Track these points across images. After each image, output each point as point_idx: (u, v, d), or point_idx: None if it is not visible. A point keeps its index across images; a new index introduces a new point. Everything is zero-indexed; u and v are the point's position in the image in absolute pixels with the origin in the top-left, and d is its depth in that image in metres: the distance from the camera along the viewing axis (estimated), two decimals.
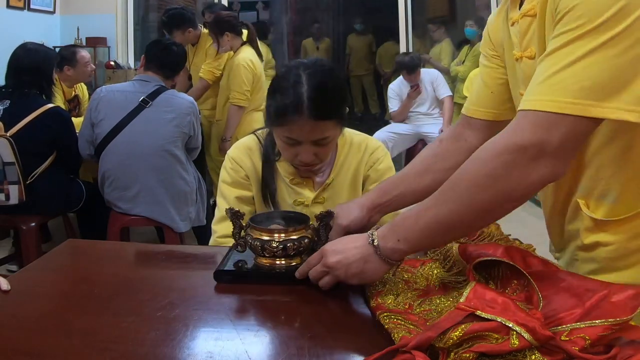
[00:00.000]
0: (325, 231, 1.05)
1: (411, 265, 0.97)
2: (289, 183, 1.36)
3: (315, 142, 1.22)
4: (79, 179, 2.80)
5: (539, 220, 4.09)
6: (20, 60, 2.57)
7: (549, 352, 0.65)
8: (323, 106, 1.18)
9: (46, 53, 2.67)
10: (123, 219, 2.51)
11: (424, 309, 0.83)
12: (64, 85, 3.43)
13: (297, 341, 0.77)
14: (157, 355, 0.74)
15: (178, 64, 2.72)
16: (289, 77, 1.21)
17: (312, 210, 1.33)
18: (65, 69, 3.35)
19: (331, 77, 1.23)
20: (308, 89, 1.18)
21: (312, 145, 1.22)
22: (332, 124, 1.22)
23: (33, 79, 2.54)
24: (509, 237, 1.03)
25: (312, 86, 1.18)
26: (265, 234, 0.99)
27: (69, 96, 3.50)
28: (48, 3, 4.56)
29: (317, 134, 1.21)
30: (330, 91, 1.21)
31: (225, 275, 0.99)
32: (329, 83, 1.21)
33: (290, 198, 1.37)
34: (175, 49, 2.71)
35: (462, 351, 0.65)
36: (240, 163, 1.38)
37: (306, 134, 1.20)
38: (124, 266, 1.15)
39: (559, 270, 0.81)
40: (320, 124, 1.19)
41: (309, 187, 1.37)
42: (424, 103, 4.44)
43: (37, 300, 0.93)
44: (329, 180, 1.37)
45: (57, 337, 0.80)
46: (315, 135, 1.21)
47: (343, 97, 1.26)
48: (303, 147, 1.23)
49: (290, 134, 1.21)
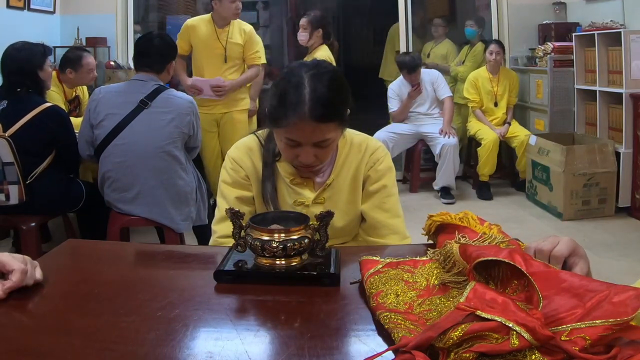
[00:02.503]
0: (325, 231, 1.05)
1: (411, 265, 0.97)
2: (289, 183, 1.36)
3: (316, 143, 1.22)
4: (79, 178, 2.80)
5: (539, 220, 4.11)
6: (6, 60, 2.56)
7: (549, 352, 0.65)
8: (325, 108, 1.18)
9: (30, 52, 2.60)
10: (123, 219, 2.51)
11: (424, 309, 0.83)
12: (65, 86, 3.43)
13: (297, 341, 0.77)
14: (157, 355, 0.74)
15: (163, 55, 2.63)
16: (291, 78, 1.21)
17: (312, 210, 1.33)
18: (68, 71, 3.33)
19: (333, 79, 1.22)
20: (310, 90, 1.18)
21: (313, 146, 1.22)
22: (334, 126, 1.22)
23: (19, 79, 2.52)
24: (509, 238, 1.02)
25: (314, 88, 1.18)
26: (265, 234, 0.99)
27: (69, 96, 3.49)
28: (48, 3, 4.55)
29: (318, 136, 1.21)
30: (332, 93, 1.20)
31: (225, 275, 0.99)
32: (330, 85, 1.21)
33: (290, 198, 1.36)
34: (156, 42, 2.63)
35: (462, 351, 0.65)
36: (241, 163, 1.38)
37: (307, 135, 1.20)
38: (124, 266, 1.15)
39: (560, 271, 0.81)
40: (321, 126, 1.19)
41: (309, 188, 1.37)
42: (424, 103, 4.44)
43: (37, 300, 0.93)
44: (329, 181, 1.37)
45: (57, 337, 0.80)
46: (316, 137, 1.21)
47: (345, 99, 1.25)
48: (304, 149, 1.23)
49: (291, 135, 1.21)
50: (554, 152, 3.83)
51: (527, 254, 0.87)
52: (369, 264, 0.97)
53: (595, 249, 3.07)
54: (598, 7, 4.33)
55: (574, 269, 0.85)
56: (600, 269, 2.70)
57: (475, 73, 4.51)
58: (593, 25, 4.10)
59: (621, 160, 3.70)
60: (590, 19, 4.26)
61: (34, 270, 0.96)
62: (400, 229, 1.39)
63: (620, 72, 3.69)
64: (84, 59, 3.34)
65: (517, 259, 0.82)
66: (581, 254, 0.87)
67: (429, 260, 0.98)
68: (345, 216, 1.38)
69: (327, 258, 1.03)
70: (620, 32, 3.66)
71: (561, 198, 3.72)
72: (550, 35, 4.58)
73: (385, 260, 0.98)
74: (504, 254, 0.83)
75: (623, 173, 3.71)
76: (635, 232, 3.46)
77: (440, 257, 0.95)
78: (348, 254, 1.10)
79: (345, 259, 1.07)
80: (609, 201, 3.75)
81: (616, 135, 3.84)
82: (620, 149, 3.72)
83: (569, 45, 4.26)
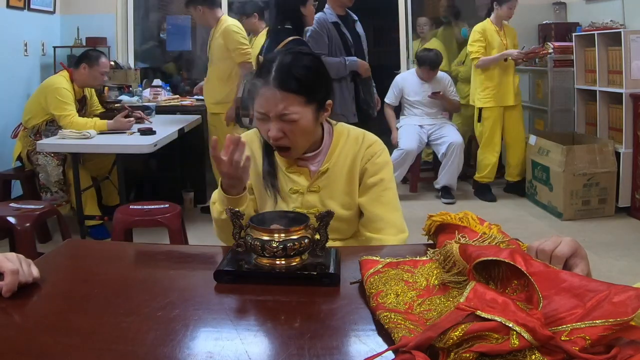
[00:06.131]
0: (325, 231, 1.05)
1: (411, 265, 0.97)
2: (285, 171, 1.39)
3: (281, 117, 1.27)
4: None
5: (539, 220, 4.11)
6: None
7: (549, 352, 0.65)
8: (288, 78, 1.26)
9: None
10: (127, 220, 2.51)
11: (424, 309, 0.83)
12: (75, 85, 3.45)
13: (297, 341, 0.77)
14: (157, 355, 0.74)
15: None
16: (268, 57, 1.32)
17: (308, 198, 1.37)
18: (82, 66, 3.40)
19: (305, 59, 1.31)
20: (278, 62, 1.27)
21: (280, 121, 1.27)
22: (298, 100, 1.27)
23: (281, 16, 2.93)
24: (509, 238, 1.02)
25: (281, 60, 1.28)
26: (265, 234, 0.99)
27: (78, 96, 3.52)
28: (48, 3, 4.55)
29: (282, 108, 1.26)
30: (297, 66, 1.27)
31: (225, 275, 0.99)
32: (298, 60, 1.29)
33: (286, 186, 1.39)
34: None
35: (462, 351, 0.65)
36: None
37: (271, 105, 1.26)
38: (124, 266, 1.15)
39: (560, 271, 0.81)
40: (285, 95, 1.25)
41: (305, 175, 1.39)
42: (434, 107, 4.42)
43: (37, 300, 0.93)
44: (323, 169, 1.39)
45: (57, 337, 0.80)
46: (279, 109, 1.26)
47: (314, 79, 1.31)
48: (272, 123, 1.28)
49: (259, 107, 1.28)
50: (554, 152, 3.83)
51: (527, 254, 0.87)
52: (369, 264, 0.96)
53: (595, 249, 3.06)
54: (598, 7, 4.33)
55: (574, 269, 0.85)
56: (600, 269, 2.71)
57: (482, 25, 4.21)
58: (593, 25, 4.09)
59: (621, 160, 3.70)
60: (590, 19, 4.26)
61: (29, 267, 0.95)
62: (398, 222, 1.39)
63: (620, 72, 3.69)
64: (101, 59, 3.46)
65: (518, 259, 0.82)
66: (582, 255, 0.87)
67: (429, 260, 0.98)
68: (342, 207, 1.38)
69: (327, 258, 1.03)
70: (620, 32, 3.66)
71: (561, 198, 3.72)
72: (550, 35, 4.58)
73: (385, 260, 0.98)
74: (504, 254, 0.83)
75: (623, 173, 3.71)
76: (635, 232, 3.46)
77: (440, 257, 0.95)
78: (348, 254, 1.10)
79: (345, 259, 1.07)
80: (609, 201, 3.75)
81: (616, 135, 3.84)
82: (620, 149, 3.72)
83: (569, 45, 4.26)
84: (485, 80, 4.18)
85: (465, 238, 0.99)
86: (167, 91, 4.66)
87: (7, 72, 3.97)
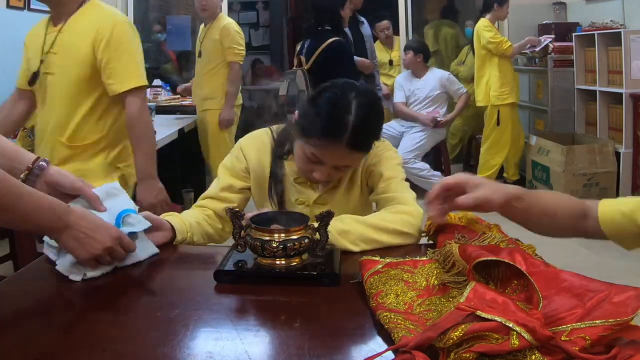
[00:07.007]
0: (325, 231, 1.05)
1: (411, 265, 0.97)
2: (293, 182, 1.36)
3: (337, 166, 1.23)
4: None
5: None
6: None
7: (549, 352, 0.65)
8: (364, 140, 1.20)
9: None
10: None
11: (424, 309, 0.83)
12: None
13: (297, 341, 0.77)
14: (157, 355, 0.74)
15: None
16: (337, 100, 1.18)
17: (314, 211, 1.31)
18: None
19: (377, 109, 1.23)
20: (354, 119, 1.16)
21: (333, 168, 1.23)
22: (364, 154, 1.24)
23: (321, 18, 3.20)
24: (509, 237, 1.02)
25: (358, 117, 1.16)
26: (265, 234, 0.99)
27: None
28: None
29: (346, 161, 1.22)
30: (373, 125, 1.21)
31: (225, 275, 0.99)
32: (375, 116, 1.21)
33: (292, 196, 1.36)
34: None
35: (462, 351, 0.65)
36: (247, 155, 1.38)
37: (335, 159, 1.21)
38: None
39: (560, 270, 0.81)
40: (354, 154, 1.20)
41: (313, 188, 1.36)
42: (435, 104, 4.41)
43: (36, 300, 0.93)
44: (333, 183, 1.35)
45: (56, 337, 0.80)
46: (343, 162, 1.22)
47: (381, 128, 1.27)
48: (323, 167, 1.22)
49: (319, 154, 1.20)
50: (554, 152, 3.83)
51: (527, 253, 0.87)
52: (369, 264, 0.96)
53: (595, 249, 3.06)
54: (598, 7, 4.33)
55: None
56: (600, 269, 2.70)
57: (485, 21, 4.09)
58: (593, 25, 4.10)
59: (621, 160, 3.70)
60: (590, 19, 4.26)
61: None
62: (411, 201, 1.27)
63: (620, 72, 3.69)
64: None
65: (517, 258, 0.82)
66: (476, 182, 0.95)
67: (428, 260, 0.98)
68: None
69: (327, 258, 1.03)
70: (620, 32, 3.66)
71: None
72: (551, 35, 4.58)
73: (385, 260, 0.98)
74: (504, 254, 0.83)
75: (623, 173, 3.71)
76: None
77: (440, 257, 0.95)
78: (348, 253, 1.10)
79: (346, 259, 1.07)
80: None
81: (616, 135, 3.84)
82: (620, 149, 3.72)
83: (569, 45, 4.26)
84: (501, 76, 4.07)
85: (465, 238, 0.99)
86: (167, 91, 4.66)
87: (7, 72, 3.97)
